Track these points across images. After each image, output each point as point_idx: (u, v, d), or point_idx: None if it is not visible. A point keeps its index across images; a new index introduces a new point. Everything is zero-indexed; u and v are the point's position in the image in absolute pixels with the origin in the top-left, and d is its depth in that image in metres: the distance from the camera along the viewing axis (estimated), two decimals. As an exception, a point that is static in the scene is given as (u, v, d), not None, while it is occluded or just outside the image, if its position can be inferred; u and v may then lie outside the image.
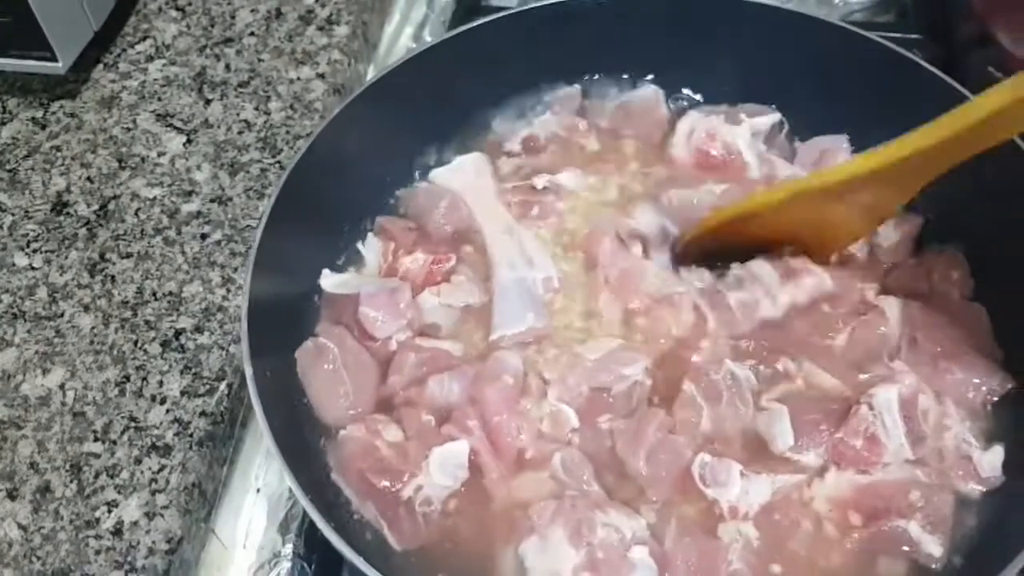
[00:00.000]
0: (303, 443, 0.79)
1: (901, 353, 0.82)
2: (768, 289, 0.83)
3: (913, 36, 1.13)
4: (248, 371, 0.72)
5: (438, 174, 0.96)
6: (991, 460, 0.77)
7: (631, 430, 0.77)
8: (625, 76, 1.02)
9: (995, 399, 0.81)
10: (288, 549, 0.88)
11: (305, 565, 0.86)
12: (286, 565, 0.86)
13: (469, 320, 0.86)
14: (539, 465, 0.77)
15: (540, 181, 0.92)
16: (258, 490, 0.92)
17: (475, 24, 0.95)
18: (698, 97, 1.01)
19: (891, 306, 0.84)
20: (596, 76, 1.03)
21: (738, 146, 0.94)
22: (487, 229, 0.90)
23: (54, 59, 1.01)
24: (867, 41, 0.92)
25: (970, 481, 0.76)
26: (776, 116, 0.97)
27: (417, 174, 0.96)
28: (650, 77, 1.02)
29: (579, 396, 0.79)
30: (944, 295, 0.86)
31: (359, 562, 0.67)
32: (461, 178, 0.95)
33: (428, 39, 1.24)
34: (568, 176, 0.93)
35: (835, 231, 0.84)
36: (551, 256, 0.88)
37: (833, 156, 0.93)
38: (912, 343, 0.82)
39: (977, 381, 0.80)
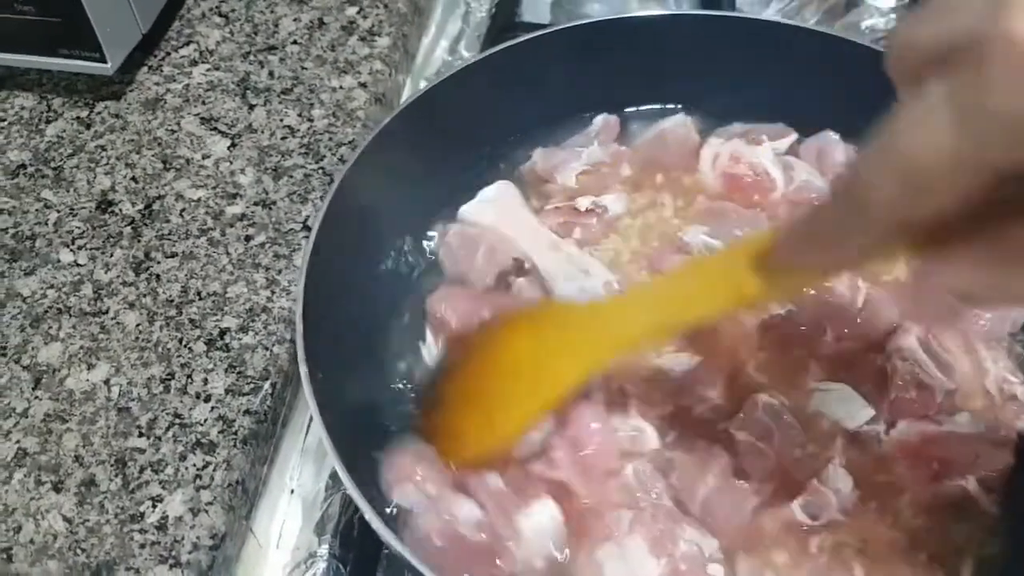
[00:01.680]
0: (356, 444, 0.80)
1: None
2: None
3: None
4: (304, 370, 0.74)
5: (467, 211, 0.94)
6: None
7: (689, 466, 0.75)
8: (658, 106, 1.04)
9: (1020, 326, 0.84)
10: (324, 549, 0.89)
11: (341, 566, 0.87)
12: (322, 565, 0.87)
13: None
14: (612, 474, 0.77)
15: (584, 202, 0.94)
16: (292, 491, 0.93)
17: (520, 40, 0.97)
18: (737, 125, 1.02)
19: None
20: (633, 104, 1.04)
21: (764, 166, 0.96)
22: (534, 252, 0.90)
23: (103, 60, 1.02)
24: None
25: (1019, 417, 0.78)
26: (794, 135, 1.00)
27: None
28: (679, 105, 1.04)
29: (662, 414, 0.79)
30: None
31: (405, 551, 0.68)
32: (492, 210, 0.94)
33: (464, 53, 1.26)
34: (613, 198, 0.95)
35: None
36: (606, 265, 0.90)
37: (830, 154, 0.96)
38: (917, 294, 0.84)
39: (993, 315, 0.82)
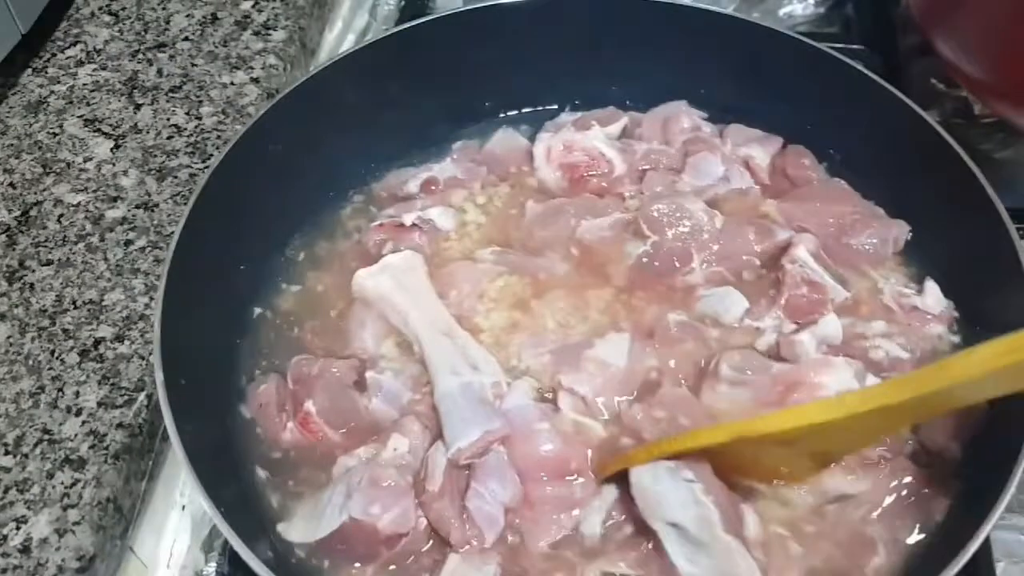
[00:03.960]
0: (223, 460, 0.76)
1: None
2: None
3: (856, 47, 1.14)
4: (159, 376, 0.69)
5: (364, 275, 0.87)
6: (932, 295, 0.85)
7: None
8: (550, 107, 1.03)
9: (902, 246, 0.90)
10: (211, 568, 0.85)
11: (229, 585, 0.82)
12: (208, 585, 0.83)
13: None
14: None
15: (409, 217, 0.91)
16: (183, 507, 0.88)
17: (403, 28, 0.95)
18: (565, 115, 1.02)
19: (770, 207, 0.92)
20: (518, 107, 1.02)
21: (597, 148, 0.96)
22: (424, 336, 0.83)
23: (-24, 62, 0.98)
24: (806, 46, 0.94)
25: (928, 324, 0.84)
26: (625, 118, 0.99)
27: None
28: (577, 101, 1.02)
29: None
30: (807, 181, 0.95)
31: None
32: (391, 279, 0.87)
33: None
34: (439, 212, 0.92)
35: (768, 471, 0.76)
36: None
37: (676, 121, 0.98)
38: (804, 232, 0.89)
39: (877, 240, 0.89)
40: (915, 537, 0.74)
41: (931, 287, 0.86)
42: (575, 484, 0.76)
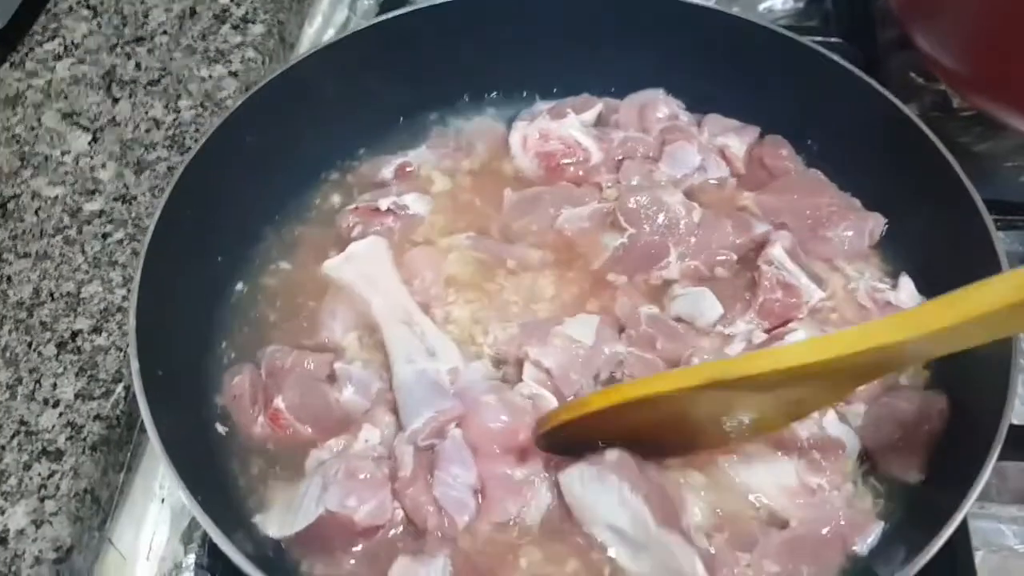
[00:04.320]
0: (200, 451, 0.76)
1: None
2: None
3: (835, 40, 1.14)
4: (135, 365, 0.69)
5: (330, 266, 0.88)
6: (906, 291, 0.85)
7: None
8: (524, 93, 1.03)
9: (878, 239, 0.90)
10: (191, 560, 0.84)
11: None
12: (188, 576, 0.83)
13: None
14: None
15: (384, 202, 0.91)
16: (163, 500, 0.88)
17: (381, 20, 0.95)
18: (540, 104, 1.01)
19: (748, 199, 0.92)
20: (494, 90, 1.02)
21: (573, 136, 0.96)
22: (384, 323, 0.84)
23: (-47, 55, 0.97)
24: (784, 38, 0.94)
25: None
26: (599, 104, 0.99)
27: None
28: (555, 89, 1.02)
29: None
30: (784, 171, 0.95)
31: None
32: (355, 268, 0.88)
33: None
34: (414, 198, 0.92)
35: (722, 436, 0.74)
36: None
37: (653, 108, 0.98)
38: (783, 228, 0.89)
39: (853, 232, 0.89)
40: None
41: (905, 282, 0.86)
42: (524, 468, 0.75)
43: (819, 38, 1.06)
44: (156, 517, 0.87)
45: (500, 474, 0.75)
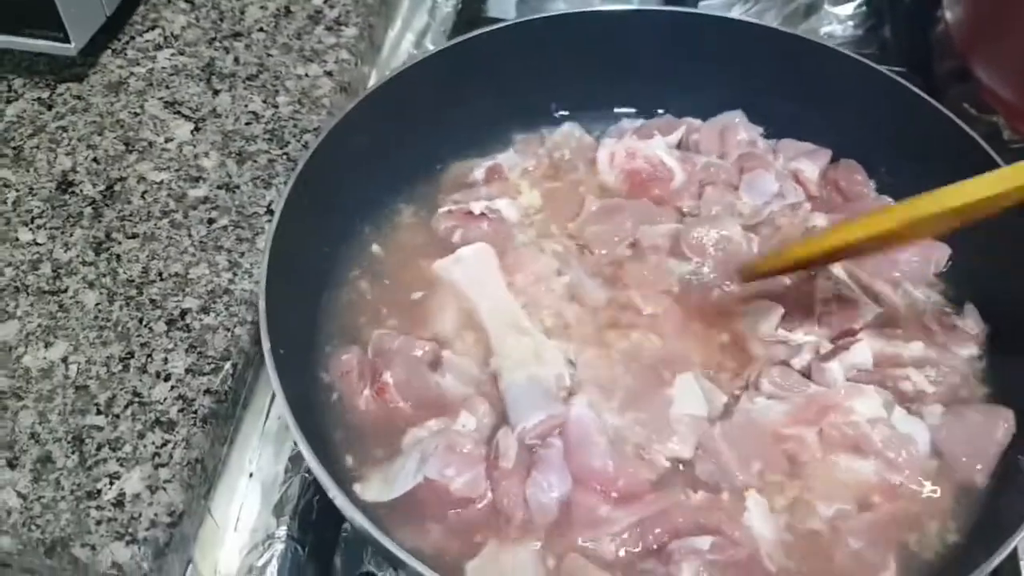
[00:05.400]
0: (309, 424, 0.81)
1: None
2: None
3: (895, 68, 1.18)
4: (266, 344, 0.74)
5: (439, 266, 0.94)
6: (972, 316, 0.89)
7: None
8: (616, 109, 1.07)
9: (943, 269, 0.94)
10: (282, 531, 0.89)
11: (299, 547, 0.87)
12: (279, 547, 0.87)
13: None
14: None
15: (477, 206, 0.96)
16: (251, 475, 0.93)
17: (478, 33, 1.00)
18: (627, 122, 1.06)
19: (820, 220, 0.97)
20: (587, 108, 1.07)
21: (659, 157, 1.01)
22: (493, 329, 0.89)
23: (66, 40, 1.02)
24: (862, 66, 0.99)
25: (964, 345, 0.88)
26: (683, 127, 1.04)
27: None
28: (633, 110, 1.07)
29: None
30: (859, 196, 0.99)
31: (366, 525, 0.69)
32: (463, 271, 0.93)
33: (430, 47, 1.27)
34: (506, 204, 0.97)
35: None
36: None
37: (733, 132, 1.02)
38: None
39: (918, 259, 0.93)
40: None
41: (970, 309, 0.90)
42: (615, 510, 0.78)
43: (882, 67, 1.11)
44: (245, 490, 0.92)
45: (590, 503, 0.79)
